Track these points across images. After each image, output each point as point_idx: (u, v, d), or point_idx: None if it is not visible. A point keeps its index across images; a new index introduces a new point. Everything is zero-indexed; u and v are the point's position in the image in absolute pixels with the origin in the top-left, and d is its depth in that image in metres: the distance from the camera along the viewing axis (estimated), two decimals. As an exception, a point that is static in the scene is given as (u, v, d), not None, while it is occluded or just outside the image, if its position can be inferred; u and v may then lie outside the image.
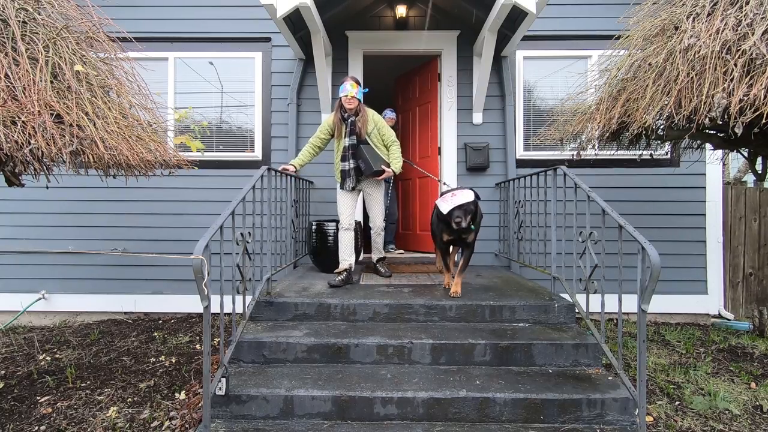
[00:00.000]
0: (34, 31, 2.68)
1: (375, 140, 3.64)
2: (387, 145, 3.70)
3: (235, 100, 4.96)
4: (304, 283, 3.62)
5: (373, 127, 3.63)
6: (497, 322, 3.03)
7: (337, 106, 3.62)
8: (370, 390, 2.38)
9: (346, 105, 3.54)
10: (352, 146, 3.57)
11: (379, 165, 3.54)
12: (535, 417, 2.33)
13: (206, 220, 4.57)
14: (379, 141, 3.66)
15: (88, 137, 2.54)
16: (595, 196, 2.66)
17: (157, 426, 2.57)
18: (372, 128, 3.63)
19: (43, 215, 4.78)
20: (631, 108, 3.07)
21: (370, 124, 3.61)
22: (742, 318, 4.90)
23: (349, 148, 3.56)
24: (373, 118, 3.64)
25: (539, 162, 4.78)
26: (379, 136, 3.67)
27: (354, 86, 3.49)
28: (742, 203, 5.02)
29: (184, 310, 4.80)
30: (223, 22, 4.88)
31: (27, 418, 2.69)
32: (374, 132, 3.64)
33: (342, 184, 3.69)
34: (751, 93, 2.42)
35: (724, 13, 2.68)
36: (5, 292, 4.76)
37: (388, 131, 3.69)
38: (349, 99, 3.51)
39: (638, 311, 2.16)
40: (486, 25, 4.14)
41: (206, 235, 2.12)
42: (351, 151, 3.57)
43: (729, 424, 2.62)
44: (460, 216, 3.04)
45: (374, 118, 3.65)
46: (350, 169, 3.59)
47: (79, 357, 3.66)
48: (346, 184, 3.64)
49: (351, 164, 3.58)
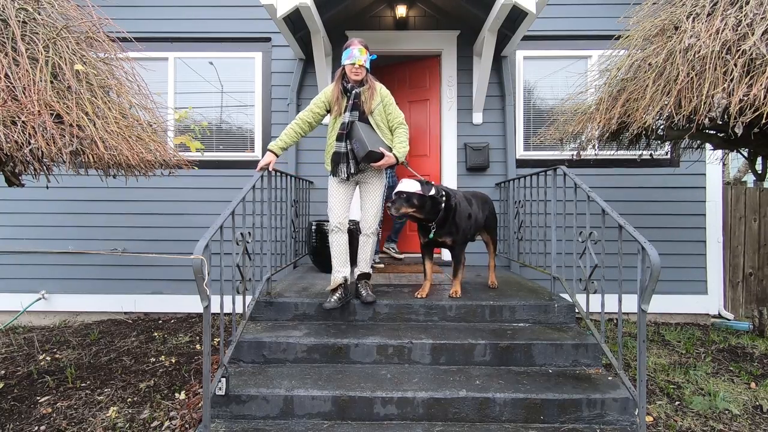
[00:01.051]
0: (34, 31, 2.68)
1: (378, 119, 2.97)
2: (392, 127, 3.01)
3: (235, 100, 4.96)
4: (304, 283, 3.62)
5: (378, 103, 2.96)
6: (497, 322, 3.03)
7: (338, 75, 2.96)
8: (370, 390, 2.38)
9: (352, 76, 2.88)
10: (351, 124, 2.92)
11: (377, 147, 2.85)
12: (535, 417, 2.33)
13: (206, 220, 4.56)
14: (382, 120, 2.99)
15: (88, 137, 2.54)
16: (595, 196, 2.66)
17: (157, 426, 2.57)
18: (377, 104, 2.96)
19: (43, 215, 4.78)
20: (631, 108, 3.07)
21: (376, 98, 2.96)
22: (742, 318, 4.90)
23: (348, 125, 2.91)
24: (380, 91, 2.99)
25: (539, 162, 4.78)
26: (384, 114, 2.99)
27: (363, 52, 2.84)
28: (742, 203, 5.02)
29: (184, 310, 4.80)
30: (223, 22, 4.88)
31: (27, 418, 2.69)
32: (378, 109, 2.96)
33: (334, 170, 2.99)
34: (751, 93, 2.42)
35: (724, 13, 2.68)
36: (5, 292, 4.77)
37: (395, 110, 3.00)
38: (357, 69, 2.85)
39: (638, 311, 2.16)
40: (486, 25, 4.14)
41: (206, 235, 2.12)
42: (350, 130, 2.94)
43: (729, 424, 2.62)
44: (395, 201, 2.89)
45: (382, 91, 3.00)
46: (347, 152, 2.93)
47: (79, 357, 3.66)
48: (340, 170, 2.96)
49: (349, 146, 2.93)
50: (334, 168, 2.99)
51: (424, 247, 3.25)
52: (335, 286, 2.94)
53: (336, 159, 2.96)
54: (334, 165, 2.99)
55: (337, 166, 2.97)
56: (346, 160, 2.94)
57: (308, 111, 3.02)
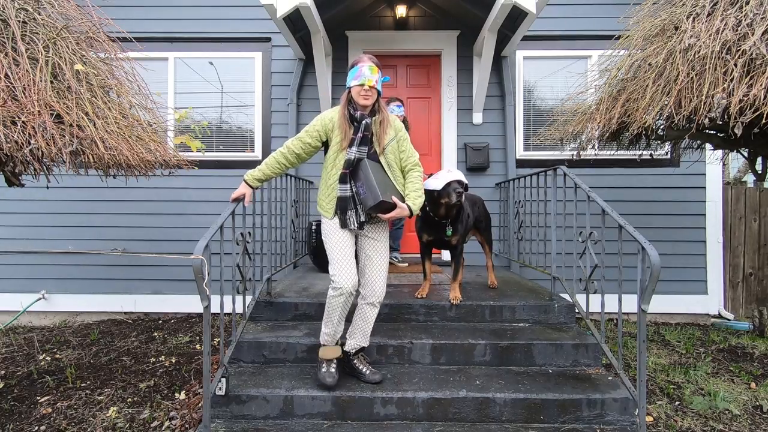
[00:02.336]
0: (34, 31, 2.68)
1: (391, 158, 2.40)
2: (405, 169, 2.45)
3: (235, 100, 4.96)
4: (304, 283, 3.62)
5: (392, 138, 2.39)
6: (497, 322, 3.03)
7: (343, 100, 2.37)
8: (370, 390, 2.38)
9: (360, 100, 2.29)
10: (359, 162, 2.33)
11: (389, 195, 2.27)
12: (535, 417, 2.33)
13: (206, 220, 4.57)
14: (395, 160, 2.42)
15: (88, 137, 2.54)
16: (595, 196, 2.66)
17: (157, 426, 2.57)
18: (390, 139, 2.39)
19: (43, 215, 4.78)
20: (631, 108, 3.07)
21: (389, 131, 2.39)
22: (742, 318, 4.91)
23: (353, 163, 2.32)
24: (394, 124, 2.43)
25: (539, 162, 4.78)
26: (397, 152, 2.42)
27: (374, 71, 2.28)
28: (742, 203, 5.02)
29: (184, 310, 4.79)
30: (223, 22, 4.88)
31: (27, 418, 2.69)
32: (392, 146, 2.39)
33: (341, 219, 2.35)
34: (751, 93, 2.42)
35: (724, 13, 2.68)
36: (5, 292, 4.76)
37: (409, 148, 2.46)
38: (367, 91, 2.28)
39: (638, 311, 2.16)
40: (486, 25, 4.14)
41: (206, 235, 2.12)
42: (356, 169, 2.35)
43: (729, 424, 2.62)
44: (461, 189, 2.72)
45: (396, 124, 2.43)
46: (353, 195, 2.33)
47: (79, 357, 3.66)
48: (349, 219, 2.33)
49: (354, 189, 2.34)
50: (341, 216, 2.35)
51: (424, 247, 3.22)
52: (330, 357, 2.39)
53: (342, 205, 2.34)
54: (341, 213, 2.35)
55: (345, 214, 2.34)
56: (354, 206, 2.33)
57: (298, 140, 2.39)
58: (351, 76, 2.31)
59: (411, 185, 2.41)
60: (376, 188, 2.20)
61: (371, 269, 2.40)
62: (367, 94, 2.28)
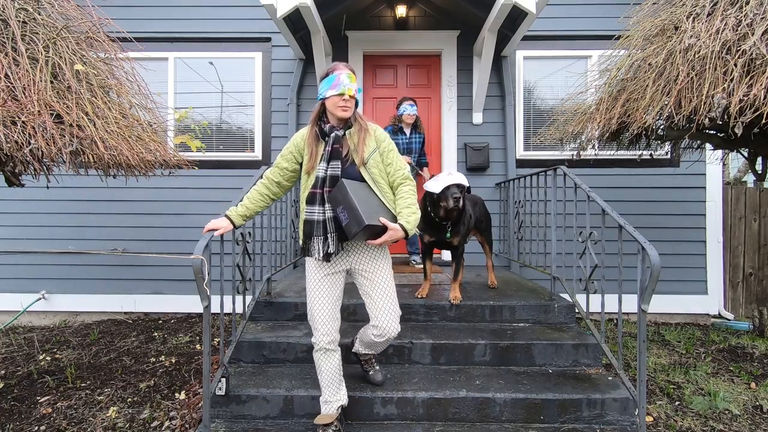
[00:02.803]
0: (34, 31, 2.69)
1: (375, 172, 2.09)
2: (394, 184, 2.13)
3: (235, 100, 4.96)
4: (304, 283, 3.60)
5: (374, 149, 2.10)
6: (497, 322, 3.03)
7: (314, 114, 2.12)
8: (370, 390, 2.38)
9: (338, 112, 2.04)
10: (332, 179, 2.01)
11: (376, 217, 1.94)
12: (535, 417, 2.33)
13: (206, 220, 4.48)
14: (380, 174, 2.11)
15: (88, 137, 2.54)
16: (595, 196, 2.66)
17: (157, 426, 2.57)
18: (372, 150, 2.10)
19: (43, 215, 4.78)
20: (631, 108, 3.07)
21: (370, 142, 2.10)
22: (742, 318, 4.90)
23: (325, 182, 2.02)
24: (376, 134, 2.13)
25: (539, 162, 4.78)
26: (382, 165, 2.12)
27: (353, 79, 2.05)
28: (742, 203, 5.02)
29: (184, 310, 4.79)
30: (223, 22, 4.88)
31: (27, 418, 2.69)
32: (374, 158, 2.09)
33: (307, 249, 2.07)
34: (751, 93, 2.42)
35: (724, 13, 2.68)
36: (5, 292, 4.77)
37: (396, 160, 2.14)
38: (346, 101, 2.03)
39: (638, 311, 2.16)
40: (486, 25, 4.14)
41: (206, 235, 2.12)
42: (328, 189, 2.02)
43: (729, 424, 2.62)
44: (458, 195, 2.71)
45: (377, 134, 2.14)
46: (325, 221, 2.02)
47: (79, 357, 3.66)
48: (313, 248, 2.04)
49: (328, 212, 2.02)
50: (306, 246, 2.07)
51: (425, 248, 3.22)
52: (328, 422, 2.15)
53: (308, 230, 2.04)
54: (306, 239, 2.06)
55: (310, 241, 2.04)
56: (324, 233, 2.02)
57: (275, 167, 2.19)
58: (326, 86, 2.04)
59: (402, 201, 2.08)
60: (358, 211, 1.87)
61: (375, 309, 2.13)
62: (346, 105, 2.04)
